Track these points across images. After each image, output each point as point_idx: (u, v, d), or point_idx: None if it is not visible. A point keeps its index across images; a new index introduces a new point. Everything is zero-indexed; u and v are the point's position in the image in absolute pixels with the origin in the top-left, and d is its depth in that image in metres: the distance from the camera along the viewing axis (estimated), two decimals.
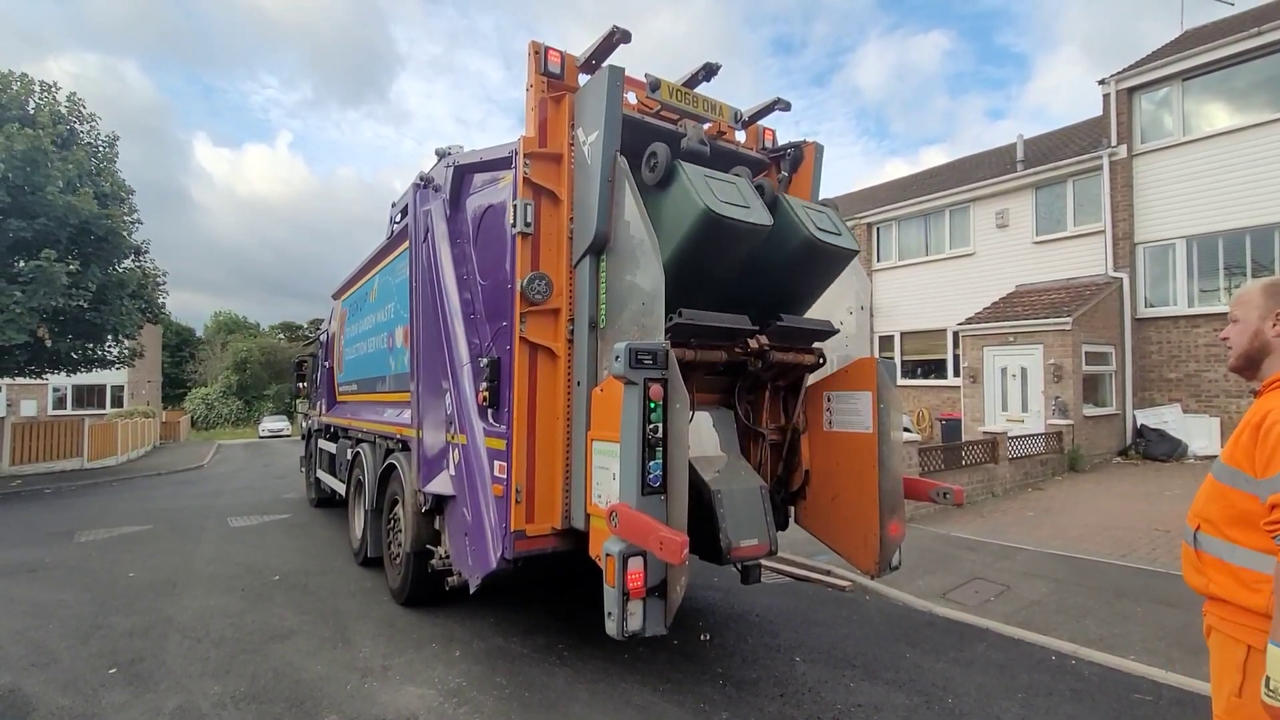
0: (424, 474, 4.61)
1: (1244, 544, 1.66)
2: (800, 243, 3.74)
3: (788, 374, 4.20)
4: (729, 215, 3.35)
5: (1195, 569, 1.80)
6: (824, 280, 4.14)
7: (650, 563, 2.96)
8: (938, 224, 17.30)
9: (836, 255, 3.93)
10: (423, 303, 4.72)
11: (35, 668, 4.11)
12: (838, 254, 3.93)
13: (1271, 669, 1.48)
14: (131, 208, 16.41)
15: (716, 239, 3.39)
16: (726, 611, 4.99)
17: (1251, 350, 1.84)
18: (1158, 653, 4.10)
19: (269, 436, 35.08)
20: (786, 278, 3.91)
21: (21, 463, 16.66)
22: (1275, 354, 1.80)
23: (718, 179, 3.53)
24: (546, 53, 3.77)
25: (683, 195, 3.40)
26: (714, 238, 3.38)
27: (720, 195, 3.40)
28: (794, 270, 3.89)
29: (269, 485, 13.66)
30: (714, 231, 3.34)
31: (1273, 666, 1.48)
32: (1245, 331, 1.85)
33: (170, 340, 48.92)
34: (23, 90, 14.11)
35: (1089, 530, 7.31)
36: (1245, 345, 1.85)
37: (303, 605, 5.24)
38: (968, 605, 5.06)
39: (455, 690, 3.70)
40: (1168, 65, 12.91)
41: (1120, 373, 13.35)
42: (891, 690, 3.68)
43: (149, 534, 8.45)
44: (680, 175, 3.45)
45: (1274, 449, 1.58)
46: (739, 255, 3.60)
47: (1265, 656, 1.52)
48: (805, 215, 3.80)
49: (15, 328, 12.92)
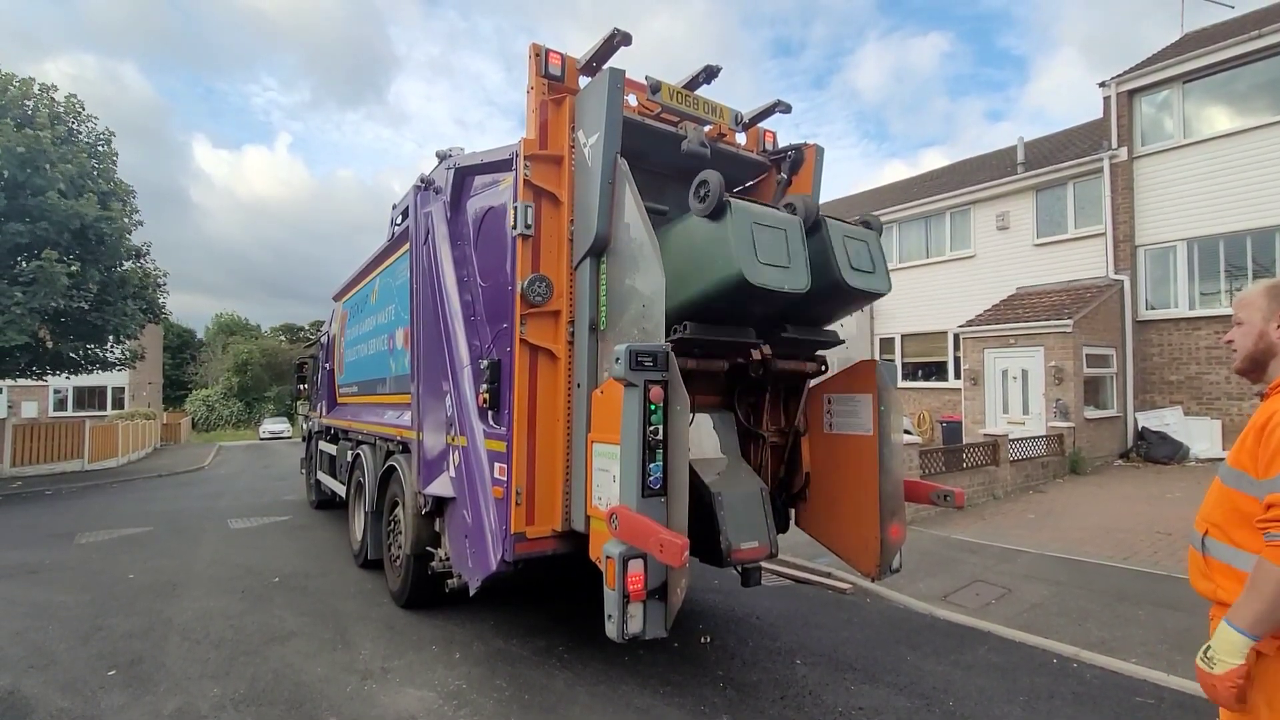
0: (424, 476, 4.61)
1: (1249, 548, 1.65)
2: (829, 282, 3.57)
3: (789, 379, 4.20)
4: (764, 284, 3.17)
5: (1203, 574, 1.80)
6: (843, 313, 4.06)
7: (650, 565, 2.95)
8: (938, 226, 17.30)
9: (864, 297, 3.82)
10: (423, 305, 4.73)
11: (35, 669, 4.11)
12: (865, 296, 3.80)
13: (1215, 640, 1.63)
14: (133, 208, 16.44)
15: (745, 299, 3.27)
16: (727, 614, 4.98)
17: (1256, 352, 1.83)
18: (1160, 656, 4.09)
19: (269, 438, 35.11)
20: (805, 306, 3.68)
21: (22, 464, 16.66)
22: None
23: (765, 226, 3.29)
24: (547, 55, 3.78)
25: (720, 245, 3.21)
26: (743, 298, 3.26)
27: (762, 255, 3.20)
28: (814, 302, 3.64)
29: (269, 487, 13.66)
30: (744, 294, 3.20)
31: (1217, 639, 1.63)
32: (1250, 334, 1.84)
33: (171, 342, 48.99)
34: (21, 91, 14.14)
35: (1090, 533, 7.30)
36: (1250, 348, 1.85)
37: (303, 607, 5.24)
38: (969, 608, 5.05)
39: (455, 692, 3.70)
40: (1168, 68, 12.92)
41: (1121, 375, 13.34)
42: (892, 693, 3.67)
43: (149, 535, 8.44)
44: (728, 219, 3.21)
45: (1276, 450, 1.58)
46: (763, 309, 3.51)
47: (1216, 628, 1.63)
48: (842, 250, 3.62)
49: (16, 329, 12.93)
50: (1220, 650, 1.60)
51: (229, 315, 62.18)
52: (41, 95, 14.58)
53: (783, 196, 4.54)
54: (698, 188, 3.33)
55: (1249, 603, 1.57)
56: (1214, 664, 1.61)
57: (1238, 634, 1.58)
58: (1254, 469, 1.65)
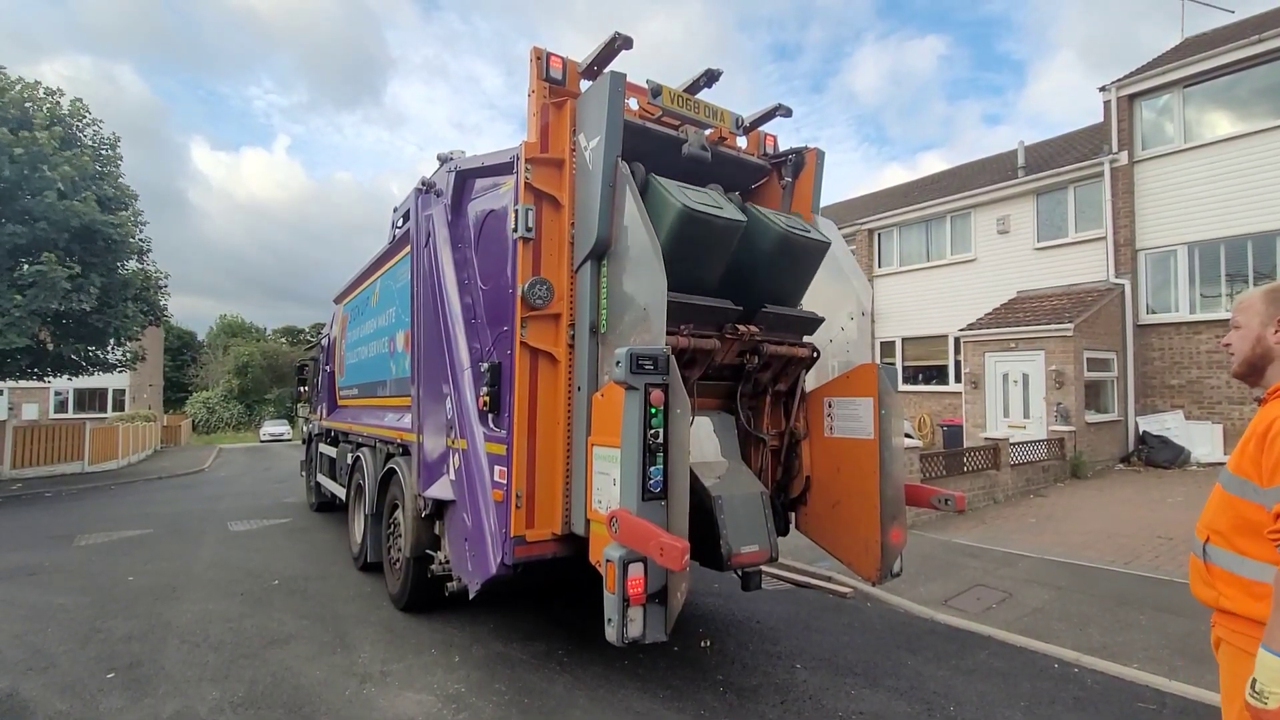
0: (424, 479, 4.61)
1: (1253, 555, 1.63)
2: (775, 239, 3.91)
3: (786, 374, 4.20)
4: (704, 209, 3.57)
5: (1204, 582, 1.78)
6: (803, 274, 4.25)
7: (651, 569, 2.94)
8: (939, 230, 17.31)
9: (809, 247, 4.14)
10: (424, 307, 4.73)
11: (33, 671, 4.10)
12: (810, 245, 4.14)
13: (1259, 672, 1.50)
14: (135, 211, 16.47)
15: (696, 234, 3.57)
16: (727, 618, 4.97)
17: (1254, 357, 1.83)
18: (1161, 661, 4.07)
19: (270, 441, 35.12)
20: (768, 274, 4.05)
21: (22, 466, 16.65)
22: (1278, 361, 1.78)
23: (691, 188, 3.73)
24: (548, 58, 3.79)
25: (661, 202, 3.58)
26: (694, 234, 3.56)
27: (695, 198, 3.63)
28: (774, 267, 4.04)
29: (269, 489, 13.65)
30: (693, 228, 3.54)
31: (1261, 669, 1.50)
32: (1247, 338, 1.84)
33: (172, 344, 49.01)
34: (21, 95, 14.17)
35: (1091, 537, 7.28)
36: (1247, 352, 1.84)
37: (302, 610, 5.23)
38: (969, 612, 5.03)
39: (454, 696, 3.68)
40: (1168, 72, 12.95)
41: (1122, 379, 13.33)
42: (893, 698, 3.66)
43: (149, 538, 8.43)
44: (656, 185, 3.65)
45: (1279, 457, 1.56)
46: (721, 252, 3.74)
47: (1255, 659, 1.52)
48: (776, 217, 4.05)
49: (16, 331, 12.93)
50: (1269, 682, 1.47)
51: (233, 317, 62.28)
52: (46, 99, 14.62)
53: (790, 200, 4.55)
54: (632, 175, 3.60)
55: None
56: (1267, 698, 1.48)
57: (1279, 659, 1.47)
58: (1258, 476, 1.63)
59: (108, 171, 15.68)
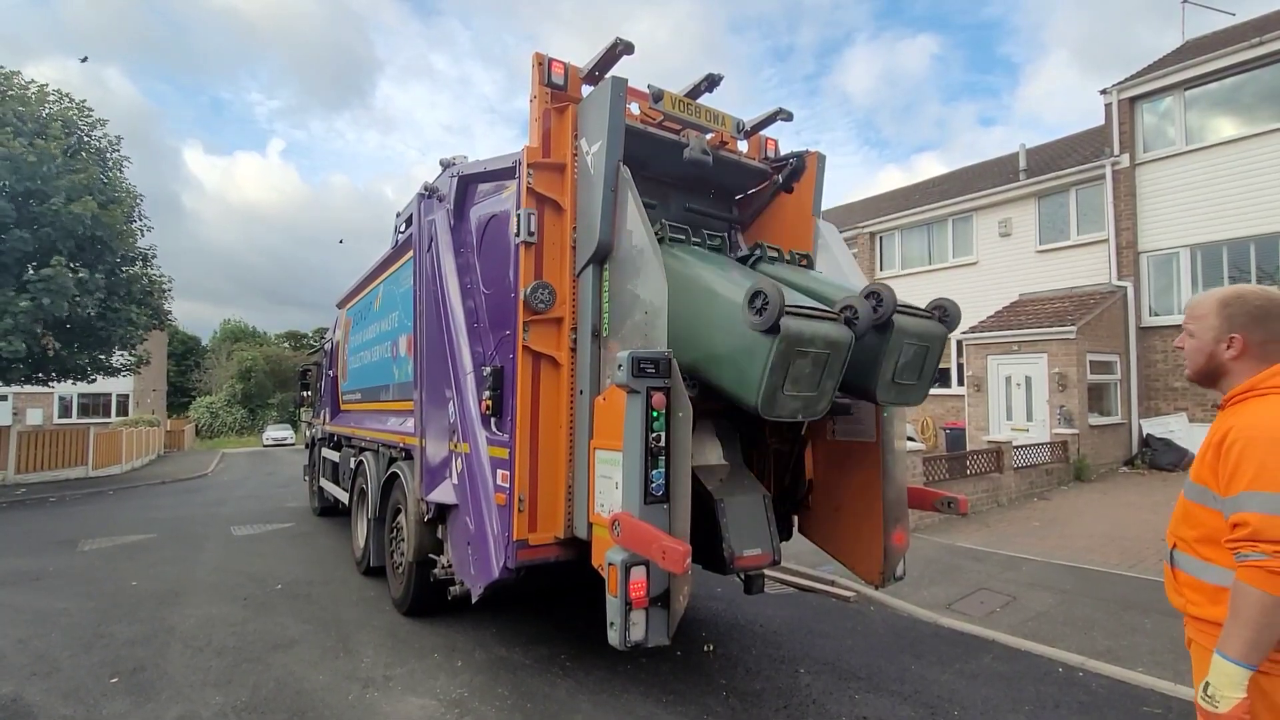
0: (427, 483, 4.61)
1: (1216, 562, 1.65)
2: (859, 384, 3.39)
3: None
4: (777, 417, 3.06)
5: (1173, 588, 1.80)
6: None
7: (653, 572, 2.94)
8: (940, 233, 17.31)
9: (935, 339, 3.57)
10: (427, 312, 4.74)
11: (37, 676, 4.11)
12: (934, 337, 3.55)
13: (1212, 675, 1.55)
14: (139, 214, 16.54)
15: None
16: (730, 622, 4.96)
17: (1207, 369, 1.81)
18: (1167, 665, 4.05)
19: (273, 445, 35.14)
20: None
21: (26, 471, 16.70)
22: (1231, 375, 1.75)
23: (809, 352, 3.00)
24: (550, 64, 3.80)
25: (751, 360, 3.01)
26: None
27: (789, 386, 3.01)
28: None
29: (272, 494, 13.66)
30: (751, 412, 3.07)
31: (1213, 673, 1.55)
32: (1200, 352, 1.80)
33: (175, 349, 49.14)
34: (38, 100, 14.27)
35: (1095, 540, 7.26)
36: (1201, 365, 1.81)
37: (305, 614, 5.23)
38: (973, 616, 5.02)
39: (457, 701, 3.68)
40: (1169, 75, 12.95)
41: (1125, 382, 13.29)
42: (896, 702, 3.65)
43: (152, 543, 8.45)
44: (773, 341, 2.90)
45: (1235, 466, 1.56)
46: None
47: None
48: (894, 359, 3.38)
49: (21, 336, 12.97)
50: (1220, 686, 1.54)
51: (236, 322, 62.44)
52: (55, 103, 14.70)
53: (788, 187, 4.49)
54: (753, 298, 2.92)
55: (1236, 631, 1.51)
56: (1218, 702, 1.54)
57: (1233, 665, 1.52)
58: (1216, 485, 1.63)
59: (112, 177, 15.76)
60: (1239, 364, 1.72)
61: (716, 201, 4.73)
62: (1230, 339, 1.73)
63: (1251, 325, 1.71)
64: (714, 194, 4.70)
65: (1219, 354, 1.76)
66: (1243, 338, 1.71)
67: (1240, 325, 1.72)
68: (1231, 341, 1.73)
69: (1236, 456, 1.57)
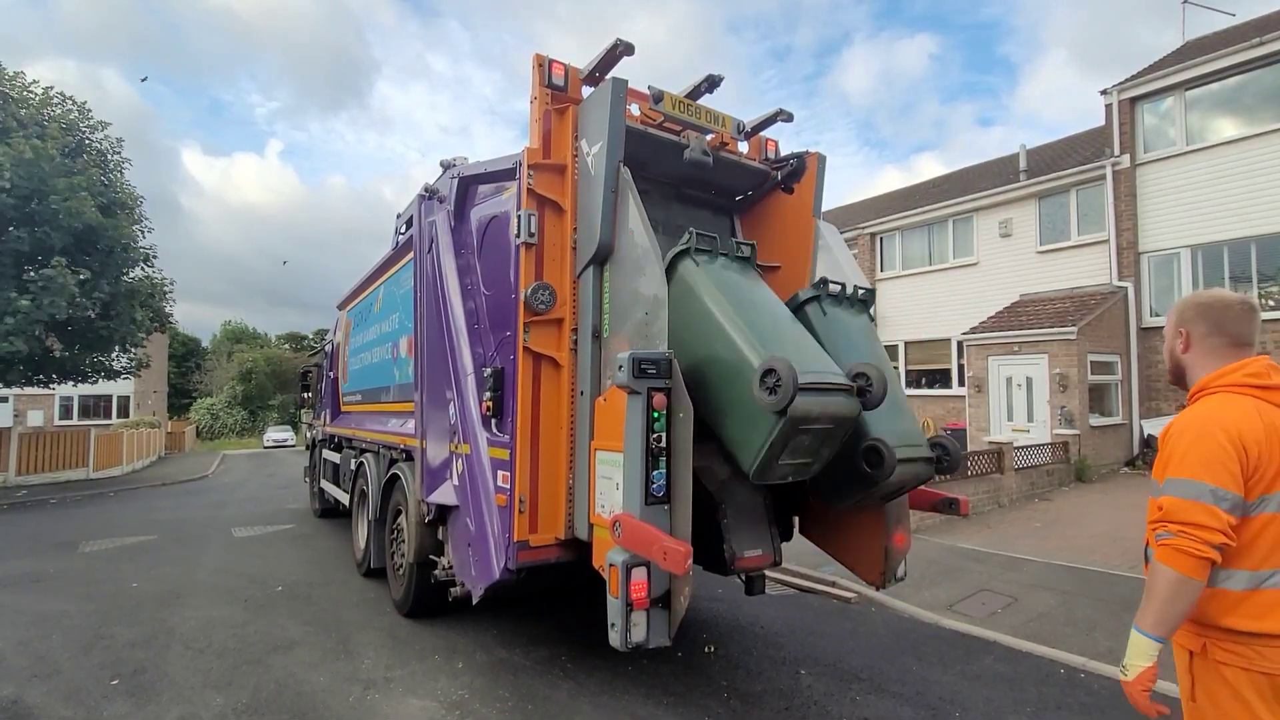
0: (427, 484, 4.61)
1: None
2: (862, 444, 3.33)
3: None
4: (767, 481, 3.12)
5: None
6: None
7: (654, 573, 2.94)
8: (941, 234, 17.31)
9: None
10: (427, 313, 4.74)
11: (38, 678, 4.10)
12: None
13: (1128, 650, 1.66)
14: (141, 215, 16.54)
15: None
16: (731, 623, 4.95)
17: (1172, 368, 1.92)
18: (1168, 666, 4.02)
19: (273, 447, 35.15)
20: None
21: (27, 473, 16.69)
22: (1190, 371, 1.85)
23: (811, 430, 2.96)
24: (551, 65, 3.81)
25: (756, 426, 2.99)
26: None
27: (789, 455, 2.98)
28: None
29: (273, 495, 13.66)
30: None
31: (1129, 646, 1.65)
32: (1166, 351, 1.95)
33: (176, 350, 49.16)
34: (42, 102, 14.28)
35: (1097, 541, 7.25)
36: (1169, 364, 1.95)
37: (306, 616, 5.23)
38: (975, 617, 5.01)
39: (458, 702, 3.68)
40: (1170, 75, 12.95)
41: (1126, 382, 13.28)
42: (898, 704, 3.64)
43: (153, 544, 8.45)
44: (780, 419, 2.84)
45: (1165, 458, 1.69)
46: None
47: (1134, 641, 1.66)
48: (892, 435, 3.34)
49: (21, 336, 12.97)
50: (1130, 656, 1.64)
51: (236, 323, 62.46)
52: (58, 104, 14.72)
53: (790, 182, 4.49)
54: (765, 375, 2.82)
55: (1148, 604, 1.63)
56: (1127, 671, 1.64)
57: (1143, 637, 1.62)
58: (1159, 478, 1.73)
59: (114, 177, 15.77)
60: (1190, 358, 1.85)
61: (716, 202, 4.73)
62: (1182, 335, 1.86)
63: (1195, 320, 1.82)
64: (714, 194, 4.71)
65: (1176, 350, 1.88)
66: (1188, 332, 1.84)
67: (1188, 320, 1.84)
68: (1180, 335, 1.86)
69: (1167, 449, 1.70)
